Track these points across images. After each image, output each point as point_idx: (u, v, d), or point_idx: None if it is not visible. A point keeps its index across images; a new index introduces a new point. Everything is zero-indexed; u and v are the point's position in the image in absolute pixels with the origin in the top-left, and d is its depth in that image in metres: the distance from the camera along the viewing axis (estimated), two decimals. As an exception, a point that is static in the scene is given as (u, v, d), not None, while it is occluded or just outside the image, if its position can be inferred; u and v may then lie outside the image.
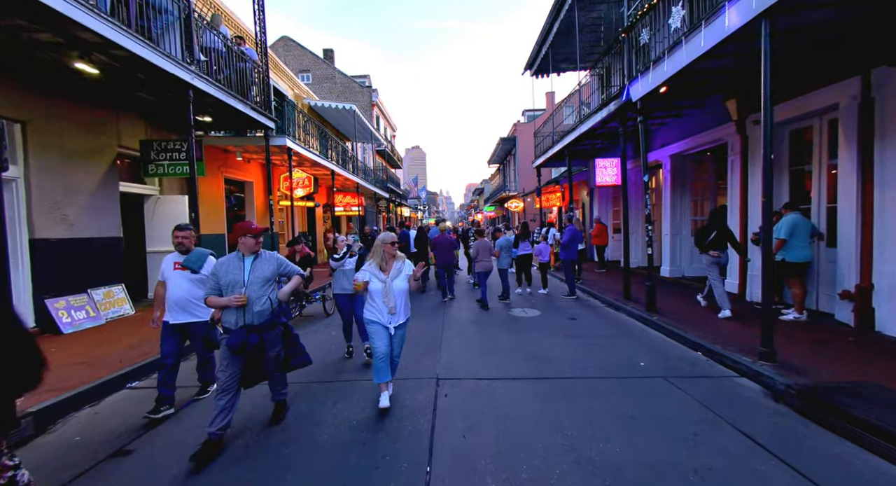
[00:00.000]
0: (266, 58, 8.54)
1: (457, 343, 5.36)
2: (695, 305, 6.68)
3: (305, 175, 12.42)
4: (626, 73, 6.73)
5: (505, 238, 8.32)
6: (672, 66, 5.24)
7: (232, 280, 2.94)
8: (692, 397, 3.55)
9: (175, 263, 3.60)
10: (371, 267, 3.43)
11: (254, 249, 3.04)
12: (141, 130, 7.42)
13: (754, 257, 6.69)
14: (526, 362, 4.57)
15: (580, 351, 4.92)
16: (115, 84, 6.12)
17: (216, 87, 6.46)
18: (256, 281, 2.97)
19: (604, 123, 8.55)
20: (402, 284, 3.45)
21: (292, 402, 3.64)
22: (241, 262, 3.01)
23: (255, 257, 3.05)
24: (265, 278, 3.01)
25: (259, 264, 3.03)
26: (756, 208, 6.63)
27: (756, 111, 6.22)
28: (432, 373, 4.26)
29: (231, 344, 2.85)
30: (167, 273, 3.59)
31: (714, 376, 4.05)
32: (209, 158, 9.41)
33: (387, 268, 3.44)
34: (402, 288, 3.45)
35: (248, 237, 3.02)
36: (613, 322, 6.33)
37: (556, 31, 10.69)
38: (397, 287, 3.40)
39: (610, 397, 3.57)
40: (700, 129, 8.15)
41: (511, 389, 3.81)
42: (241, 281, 2.94)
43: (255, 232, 3.04)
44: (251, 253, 3.04)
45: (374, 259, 3.47)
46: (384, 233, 3.47)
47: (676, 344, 5.12)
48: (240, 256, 3.03)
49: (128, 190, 7.34)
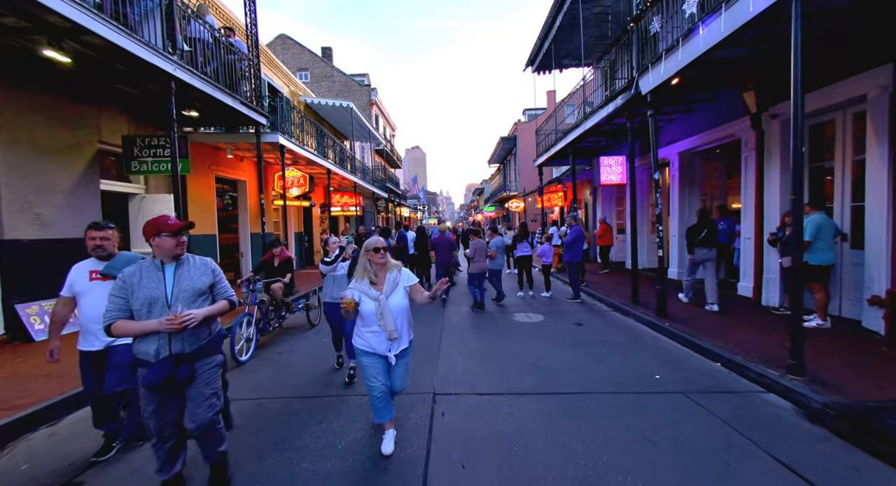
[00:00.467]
0: (257, 50, 8.18)
1: (456, 352, 5.00)
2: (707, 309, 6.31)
3: (300, 174, 12.07)
4: (636, 65, 6.36)
5: (500, 239, 8.11)
6: (687, 55, 4.87)
7: (148, 297, 2.14)
8: (717, 417, 3.19)
9: (91, 272, 2.79)
10: (359, 284, 2.73)
11: (174, 252, 2.25)
12: (124, 125, 7.05)
13: (770, 259, 6.34)
14: (530, 373, 4.21)
15: (588, 361, 4.55)
16: (92, 75, 5.76)
17: (201, 79, 6.11)
18: (185, 295, 2.21)
19: (609, 118, 8.19)
20: (401, 299, 2.74)
21: (272, 421, 3.28)
22: (159, 271, 2.22)
23: (177, 265, 2.28)
24: (197, 291, 2.26)
25: (185, 274, 2.27)
26: (773, 208, 6.27)
27: (776, 103, 5.86)
28: (429, 387, 3.90)
29: (150, 381, 2.10)
30: (78, 286, 2.77)
31: (738, 392, 3.68)
32: (199, 156, 9.06)
33: (378, 281, 2.75)
34: (402, 305, 2.74)
35: (163, 237, 2.19)
36: (622, 328, 5.97)
37: (559, 26, 10.34)
38: (395, 305, 2.69)
39: (625, 417, 3.21)
40: (710, 125, 7.78)
41: (515, 406, 3.45)
42: (161, 298, 2.16)
43: (172, 229, 2.22)
44: (172, 258, 2.27)
45: (361, 273, 2.78)
46: (371, 238, 2.77)
47: (692, 353, 4.76)
48: (157, 263, 2.24)
49: (111, 188, 6.98)
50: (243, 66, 7.83)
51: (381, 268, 2.77)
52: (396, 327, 2.66)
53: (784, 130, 6.01)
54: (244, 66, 7.88)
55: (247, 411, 3.49)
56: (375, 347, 2.69)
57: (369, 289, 2.69)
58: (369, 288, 2.70)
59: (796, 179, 3.55)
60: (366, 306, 2.67)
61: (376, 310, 2.63)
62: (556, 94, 30.52)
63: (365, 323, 2.71)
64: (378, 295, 2.65)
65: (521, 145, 29.53)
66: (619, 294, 7.86)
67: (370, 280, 2.72)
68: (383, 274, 2.77)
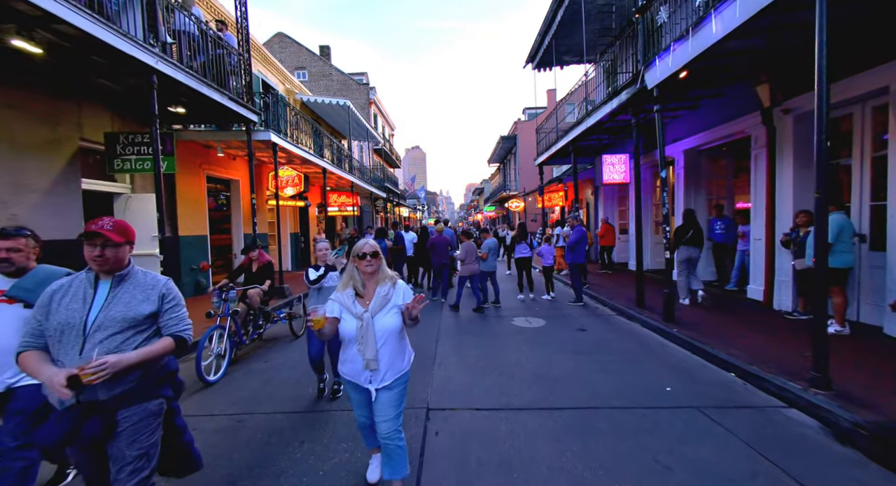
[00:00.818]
0: (248, 45, 7.90)
1: (452, 360, 4.72)
2: (716, 313, 6.04)
3: (295, 173, 11.81)
4: (641, 59, 6.08)
5: (492, 240, 7.92)
6: (697, 46, 4.59)
7: (62, 321, 1.63)
8: (736, 436, 2.91)
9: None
10: (342, 295, 2.18)
11: (105, 265, 1.69)
12: (107, 121, 6.76)
13: (782, 261, 6.05)
14: (532, 385, 3.92)
15: (594, 371, 4.27)
16: (70, 68, 5.47)
17: (187, 73, 5.82)
18: (112, 326, 1.64)
19: (613, 115, 7.91)
20: (391, 321, 2.13)
21: (250, 441, 3.00)
22: (91, 289, 1.71)
23: (116, 282, 1.74)
24: (129, 321, 1.68)
25: (122, 296, 1.72)
26: (785, 208, 5.98)
27: (789, 98, 5.57)
28: (422, 400, 3.61)
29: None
30: None
31: (757, 407, 3.40)
32: (188, 155, 8.78)
33: (366, 294, 2.19)
34: (391, 327, 2.13)
35: (86, 245, 1.69)
36: (628, 334, 5.69)
37: (560, 21, 10.06)
38: (382, 327, 2.10)
39: (636, 436, 2.93)
40: (718, 121, 7.50)
41: (516, 423, 3.17)
42: (78, 325, 1.62)
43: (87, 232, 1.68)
44: (107, 273, 1.73)
45: (346, 282, 2.23)
46: (360, 241, 2.24)
47: (704, 362, 4.48)
48: (91, 278, 1.74)
49: (94, 188, 6.70)
50: (233, 60, 7.55)
51: (369, 278, 2.21)
52: (377, 355, 2.08)
53: (798, 125, 5.73)
54: (234, 61, 7.60)
55: (224, 428, 3.21)
56: (353, 375, 2.18)
57: (353, 303, 2.14)
58: (354, 302, 2.15)
59: (821, 176, 3.28)
60: (346, 325, 2.12)
61: (357, 331, 2.09)
62: (556, 92, 30.24)
63: (345, 345, 2.21)
64: (363, 312, 2.10)
65: (521, 144, 29.26)
66: (622, 297, 7.58)
67: (356, 292, 2.19)
68: (373, 286, 2.20)
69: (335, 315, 2.16)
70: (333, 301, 2.19)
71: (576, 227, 7.89)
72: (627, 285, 8.93)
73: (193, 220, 8.93)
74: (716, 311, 6.20)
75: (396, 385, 2.18)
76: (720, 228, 7.82)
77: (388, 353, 2.13)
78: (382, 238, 9.20)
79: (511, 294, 8.70)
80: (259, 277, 5.31)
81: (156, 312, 1.78)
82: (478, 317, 6.90)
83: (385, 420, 2.14)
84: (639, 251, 6.84)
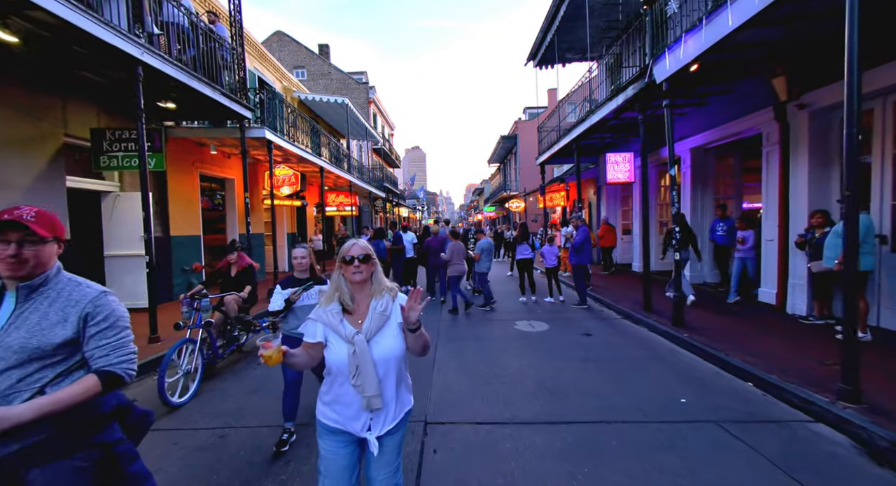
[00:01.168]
0: (241, 39, 7.66)
1: (452, 367, 4.47)
2: (727, 316, 5.79)
3: (292, 172, 11.54)
4: (649, 52, 5.84)
5: (486, 240, 7.77)
6: (711, 36, 4.35)
7: None
8: (761, 455, 2.66)
9: None
10: (326, 312, 1.64)
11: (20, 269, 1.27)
12: (93, 117, 6.52)
13: (796, 263, 5.81)
14: (537, 395, 3.68)
15: (602, 379, 4.02)
16: (51, 60, 5.24)
17: (175, 66, 5.58)
18: (4, 355, 1.22)
19: (618, 112, 7.68)
20: (393, 344, 1.62)
21: (232, 460, 2.75)
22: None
23: (24, 293, 1.31)
24: (32, 351, 1.24)
25: (31, 314, 1.29)
26: (799, 208, 5.74)
27: (805, 92, 5.31)
28: (419, 412, 3.36)
29: None
30: None
31: (780, 421, 3.15)
32: (181, 152, 8.54)
33: (355, 310, 1.67)
34: (393, 353, 1.61)
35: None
36: (636, 339, 5.44)
37: (563, 16, 9.81)
38: (382, 352, 1.59)
39: (652, 455, 2.68)
40: (726, 118, 7.26)
41: (521, 440, 2.92)
42: None
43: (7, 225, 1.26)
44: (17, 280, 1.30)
45: (330, 295, 1.71)
46: (346, 243, 1.72)
47: (717, 370, 4.23)
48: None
49: (80, 186, 6.46)
50: (226, 54, 7.31)
51: (359, 289, 1.69)
52: (380, 389, 1.56)
53: (813, 121, 5.49)
54: (227, 56, 7.36)
55: (205, 445, 2.96)
56: (344, 422, 1.60)
57: (340, 323, 1.61)
58: (340, 321, 1.61)
59: (851, 173, 3.01)
60: (333, 353, 1.59)
61: (349, 359, 1.55)
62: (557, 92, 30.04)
63: (331, 382, 1.64)
64: (353, 334, 1.57)
65: (522, 144, 29.02)
66: (628, 300, 7.34)
67: (343, 307, 1.67)
68: (365, 300, 1.68)
69: (317, 340, 1.61)
70: (314, 321, 1.64)
71: (580, 227, 7.64)
72: (631, 286, 8.69)
73: (186, 219, 8.68)
74: (727, 315, 5.96)
75: (402, 426, 1.68)
76: (722, 230, 7.50)
77: (392, 385, 1.62)
78: (381, 239, 8.95)
79: (513, 296, 8.46)
80: (238, 282, 4.73)
81: (74, 338, 1.30)
82: (478, 320, 6.66)
83: (387, 475, 1.63)
84: (646, 253, 6.60)
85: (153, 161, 6.33)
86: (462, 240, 11.16)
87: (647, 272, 6.62)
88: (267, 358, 1.52)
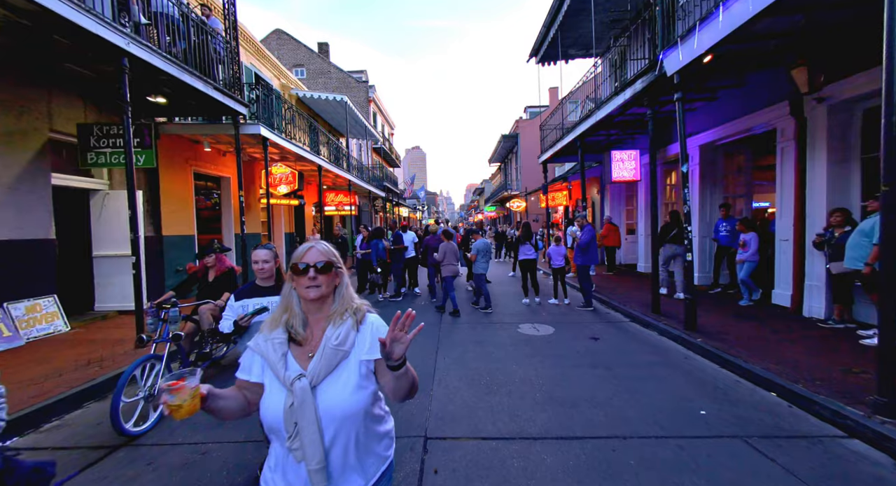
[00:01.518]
0: (235, 32, 7.41)
1: (454, 376, 4.22)
2: (741, 320, 5.54)
3: (289, 170, 11.31)
4: (660, 43, 5.58)
5: (482, 241, 7.57)
6: (729, 23, 4.09)
7: None
8: (797, 478, 2.41)
9: None
10: (267, 341, 1.20)
11: None
12: (80, 112, 6.27)
13: (814, 263, 5.56)
14: (545, 407, 3.43)
15: (613, 389, 3.77)
16: (33, 51, 4.99)
17: (164, 58, 5.33)
18: None
19: (625, 107, 7.42)
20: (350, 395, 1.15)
21: (210, 483, 2.50)
22: None
23: None
24: None
25: None
26: (817, 206, 5.48)
27: (831, 82, 5.03)
28: (419, 427, 3.12)
29: None
30: None
31: (811, 436, 2.90)
32: (174, 149, 8.30)
33: (307, 339, 1.23)
34: (350, 409, 1.14)
35: None
36: (646, 344, 5.19)
37: (567, 10, 9.55)
38: (330, 406, 1.13)
39: (676, 478, 2.43)
40: (737, 113, 7.00)
41: (529, 458, 2.67)
42: None
43: None
44: None
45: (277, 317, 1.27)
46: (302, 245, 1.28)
47: (736, 378, 3.98)
48: None
49: (67, 183, 6.21)
50: (220, 48, 7.06)
51: (315, 308, 1.25)
52: (325, 460, 1.11)
53: (832, 115, 5.24)
54: (221, 49, 7.11)
55: (185, 462, 2.71)
56: None
57: (282, 358, 1.17)
58: (283, 355, 1.18)
59: (890, 165, 2.76)
60: (267, 401, 1.16)
61: (285, 413, 1.11)
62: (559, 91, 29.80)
63: (272, 441, 1.22)
64: (294, 377, 1.12)
65: (523, 143, 28.79)
66: (635, 301, 7.09)
67: (290, 335, 1.22)
68: (320, 323, 1.24)
69: (253, 379, 1.19)
70: (252, 351, 1.21)
71: (586, 226, 7.39)
72: (637, 287, 8.45)
73: (179, 218, 8.43)
74: (741, 318, 5.71)
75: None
76: (725, 230, 7.21)
77: (347, 452, 1.15)
78: (379, 238, 8.70)
79: (516, 298, 8.21)
80: (215, 289, 4.16)
81: None
82: (481, 323, 6.40)
83: None
84: (654, 253, 6.35)
85: (142, 158, 6.10)
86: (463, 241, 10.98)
87: (655, 274, 6.37)
88: (174, 409, 1.01)
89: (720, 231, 7.33)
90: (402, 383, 1.18)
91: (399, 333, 1.10)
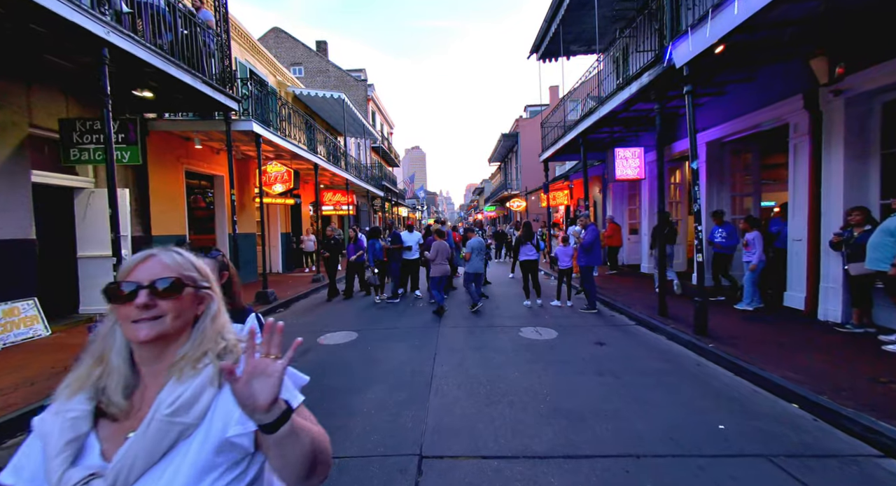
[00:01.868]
0: (226, 24, 7.16)
1: (453, 384, 3.96)
2: (753, 324, 5.29)
3: (284, 169, 11.07)
4: (668, 34, 5.34)
5: (476, 239, 7.49)
6: (745, 9, 3.84)
7: None
8: (832, 505, 2.16)
9: None
10: (56, 417, 0.71)
11: None
12: (62, 107, 6.02)
13: (829, 264, 5.31)
14: (550, 420, 3.17)
15: (623, 399, 3.52)
16: (8, 40, 4.73)
17: (147, 49, 5.08)
18: None
19: (629, 103, 7.19)
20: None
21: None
22: None
23: None
24: None
25: None
26: (834, 204, 5.23)
27: (852, 73, 4.73)
28: (413, 443, 2.86)
29: None
30: None
31: (842, 455, 2.65)
32: (165, 147, 8.05)
33: (132, 411, 0.74)
34: None
35: None
36: (655, 350, 4.94)
37: (569, 4, 9.30)
38: None
39: (698, 505, 2.18)
40: (748, 108, 6.75)
41: (535, 481, 2.41)
42: None
43: None
44: None
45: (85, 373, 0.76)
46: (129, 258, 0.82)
47: (754, 388, 3.73)
48: None
49: (49, 181, 5.95)
50: (210, 40, 6.80)
51: (151, 356, 0.76)
52: None
53: (850, 109, 4.99)
54: (211, 42, 6.85)
55: None
56: None
57: (67, 446, 0.69)
58: (70, 442, 0.69)
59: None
60: None
61: None
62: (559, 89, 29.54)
63: None
64: (74, 481, 0.66)
65: (523, 142, 28.54)
66: (640, 304, 6.83)
67: (101, 403, 0.74)
68: (157, 381, 0.76)
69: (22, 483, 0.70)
70: (34, 436, 0.73)
71: (589, 226, 7.14)
72: (641, 289, 8.20)
73: (170, 218, 8.18)
74: (753, 322, 5.46)
75: None
76: (721, 236, 6.88)
77: None
78: (376, 238, 8.44)
79: (517, 300, 7.95)
80: None
81: None
82: (480, 327, 6.15)
83: None
84: (661, 253, 6.10)
85: (127, 154, 5.83)
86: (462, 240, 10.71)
87: (662, 275, 6.12)
88: None
89: (715, 238, 7.02)
90: (290, 455, 0.69)
91: (263, 360, 0.66)
